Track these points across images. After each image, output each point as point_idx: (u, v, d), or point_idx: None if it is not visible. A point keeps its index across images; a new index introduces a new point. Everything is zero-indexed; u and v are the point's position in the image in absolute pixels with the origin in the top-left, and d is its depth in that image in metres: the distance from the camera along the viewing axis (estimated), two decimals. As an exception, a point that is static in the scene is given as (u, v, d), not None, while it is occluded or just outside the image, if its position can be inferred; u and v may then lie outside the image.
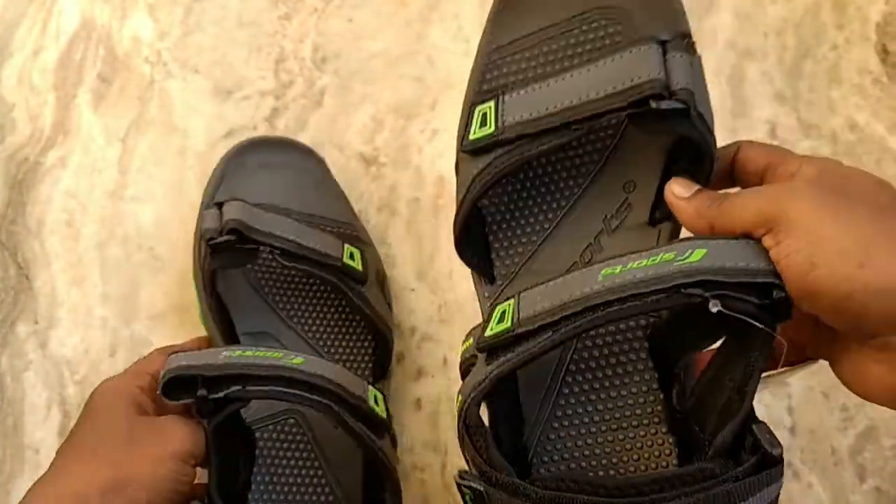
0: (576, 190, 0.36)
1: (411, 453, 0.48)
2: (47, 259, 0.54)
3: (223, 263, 0.43)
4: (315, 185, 0.51)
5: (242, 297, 0.47)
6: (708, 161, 0.31)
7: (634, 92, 0.30)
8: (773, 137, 0.55)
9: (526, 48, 0.35)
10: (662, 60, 0.30)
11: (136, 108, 0.58)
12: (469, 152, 0.33)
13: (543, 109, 0.32)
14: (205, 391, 0.36)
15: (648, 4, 0.33)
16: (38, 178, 0.56)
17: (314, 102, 0.57)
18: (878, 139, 0.55)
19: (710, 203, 0.30)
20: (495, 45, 0.35)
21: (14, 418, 0.49)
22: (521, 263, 0.36)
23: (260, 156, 0.50)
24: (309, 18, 0.60)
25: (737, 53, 0.58)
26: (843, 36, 0.58)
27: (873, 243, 0.26)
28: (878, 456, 0.47)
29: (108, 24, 0.61)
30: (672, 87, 0.29)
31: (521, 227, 0.36)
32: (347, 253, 0.45)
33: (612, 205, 0.35)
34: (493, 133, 0.32)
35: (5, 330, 0.52)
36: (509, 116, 0.32)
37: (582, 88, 0.31)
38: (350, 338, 0.48)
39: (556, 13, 0.35)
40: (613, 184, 0.36)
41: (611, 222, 0.35)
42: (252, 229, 0.42)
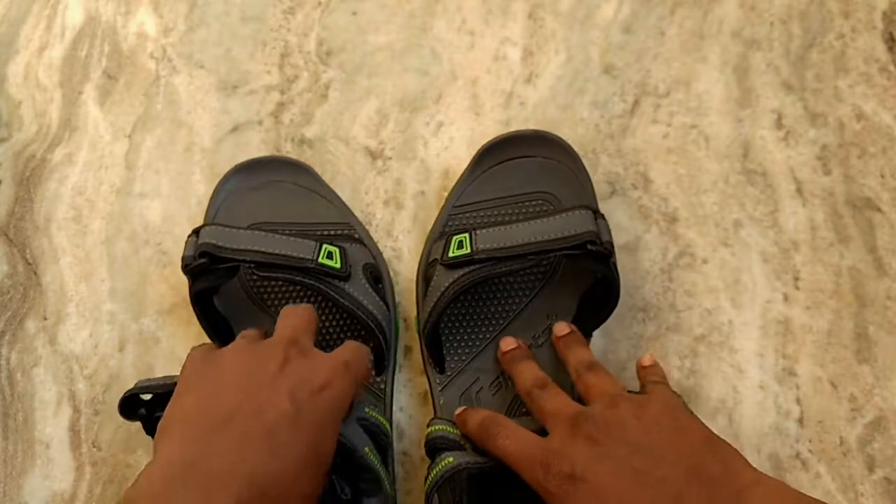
0: (511, 313, 0.48)
1: (419, 446, 0.48)
2: (55, 255, 0.54)
3: (204, 286, 0.44)
4: (306, 195, 0.52)
5: (243, 310, 0.49)
6: (613, 300, 0.44)
7: (578, 238, 0.43)
8: (780, 127, 0.55)
9: (483, 209, 0.49)
10: (595, 221, 0.44)
11: (142, 104, 0.58)
12: (447, 265, 0.44)
13: (508, 242, 0.43)
14: (144, 411, 0.41)
15: (574, 192, 0.48)
16: (45, 175, 0.56)
17: (319, 96, 0.57)
18: (885, 128, 0.54)
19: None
20: (456, 204, 0.49)
21: (24, 413, 0.50)
22: (468, 361, 0.47)
23: (249, 179, 0.51)
24: (313, 12, 0.60)
25: (742, 43, 0.57)
26: (850, 24, 0.57)
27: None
28: (887, 446, 0.47)
29: (113, 21, 0.61)
30: (601, 238, 0.43)
31: (469, 335, 0.47)
32: (324, 253, 0.45)
33: (538, 327, 0.47)
34: (469, 253, 0.43)
35: (14, 326, 0.52)
36: (481, 244, 0.43)
37: (537, 232, 0.43)
38: (348, 334, 0.48)
39: (505, 191, 0.49)
40: (540, 313, 0.48)
41: (538, 339, 0.47)
42: (221, 248, 0.44)
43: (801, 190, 0.53)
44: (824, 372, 0.49)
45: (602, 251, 0.43)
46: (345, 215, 0.52)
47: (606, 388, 0.41)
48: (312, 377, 0.37)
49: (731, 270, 0.51)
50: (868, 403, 0.48)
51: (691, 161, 0.54)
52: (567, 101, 0.56)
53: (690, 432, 0.37)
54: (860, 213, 0.52)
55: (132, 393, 0.41)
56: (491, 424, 0.40)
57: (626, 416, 0.38)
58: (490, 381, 0.46)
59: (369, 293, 0.46)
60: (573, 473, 0.36)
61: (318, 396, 0.36)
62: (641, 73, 0.57)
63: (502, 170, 0.50)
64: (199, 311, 0.45)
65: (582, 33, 0.59)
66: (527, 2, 0.60)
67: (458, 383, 0.46)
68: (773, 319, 0.50)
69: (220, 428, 0.34)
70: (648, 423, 0.37)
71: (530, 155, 0.50)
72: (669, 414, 0.38)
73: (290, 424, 0.35)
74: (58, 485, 0.48)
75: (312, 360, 0.38)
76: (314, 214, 0.51)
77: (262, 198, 0.51)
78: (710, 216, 0.53)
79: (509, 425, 0.40)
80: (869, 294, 0.50)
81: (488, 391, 0.46)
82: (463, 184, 0.50)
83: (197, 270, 0.44)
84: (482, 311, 0.48)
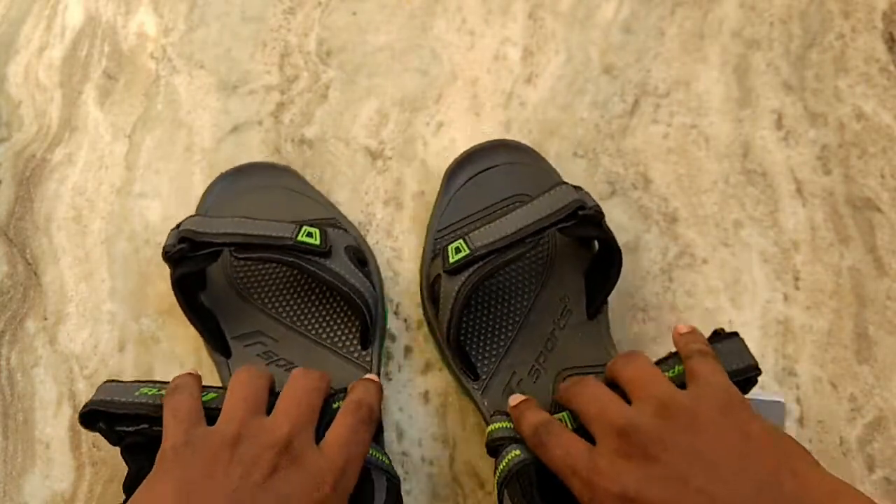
0: (525, 307, 0.48)
1: (419, 446, 0.48)
2: (55, 255, 0.54)
3: (184, 271, 0.45)
4: (291, 196, 0.52)
5: (230, 304, 0.49)
6: (617, 260, 0.45)
7: (567, 209, 0.44)
8: (780, 127, 0.55)
9: (465, 225, 0.50)
10: (576, 192, 0.45)
11: (142, 104, 0.58)
12: (450, 272, 0.44)
13: (503, 233, 0.44)
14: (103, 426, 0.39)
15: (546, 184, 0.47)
16: (45, 175, 0.56)
17: (319, 96, 0.58)
18: (885, 128, 0.54)
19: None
20: (439, 229, 0.50)
21: (24, 413, 0.50)
22: (498, 362, 0.47)
23: (234, 185, 0.52)
24: (313, 12, 0.60)
25: (743, 43, 0.57)
26: (850, 24, 0.57)
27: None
28: (887, 446, 0.47)
29: (113, 21, 0.61)
30: (587, 204, 0.44)
31: (491, 338, 0.48)
32: (304, 232, 0.45)
33: (556, 312, 0.48)
34: (468, 253, 0.43)
35: (14, 326, 0.52)
36: (478, 242, 0.44)
37: (527, 216, 0.44)
38: (333, 316, 0.48)
39: (481, 204, 0.50)
40: (553, 298, 0.48)
41: (559, 323, 0.48)
42: (199, 234, 0.44)
43: (801, 190, 0.53)
44: (824, 372, 0.49)
45: (593, 214, 0.44)
46: (329, 211, 0.52)
47: (652, 388, 0.36)
48: (299, 493, 0.33)
49: (731, 270, 0.51)
50: (868, 403, 0.48)
51: (691, 161, 0.54)
52: (567, 101, 0.56)
53: (754, 438, 0.33)
54: (860, 213, 0.52)
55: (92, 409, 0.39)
56: (543, 432, 0.38)
57: (681, 426, 0.34)
58: (527, 371, 0.46)
59: (351, 269, 0.46)
60: (625, 494, 0.33)
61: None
62: (641, 73, 0.57)
63: (473, 185, 0.51)
64: (183, 299, 0.46)
65: (582, 33, 0.59)
66: (527, 2, 0.60)
67: (495, 383, 0.46)
68: (773, 319, 0.50)
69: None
70: (708, 433, 0.34)
71: (494, 165, 0.51)
72: (729, 416, 0.34)
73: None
74: (58, 485, 0.48)
75: (304, 469, 0.34)
76: (300, 212, 0.51)
77: (248, 200, 0.52)
78: (710, 216, 0.53)
79: (561, 434, 0.37)
80: (869, 294, 0.50)
81: (528, 380, 0.46)
82: (439, 208, 0.51)
83: (177, 256, 0.44)
84: (497, 312, 0.48)
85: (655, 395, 0.36)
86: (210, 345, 0.48)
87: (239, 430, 0.35)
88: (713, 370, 0.37)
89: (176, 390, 0.38)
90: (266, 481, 0.33)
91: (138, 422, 0.39)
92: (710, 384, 0.36)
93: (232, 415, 0.36)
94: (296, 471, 0.34)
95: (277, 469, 0.34)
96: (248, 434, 0.35)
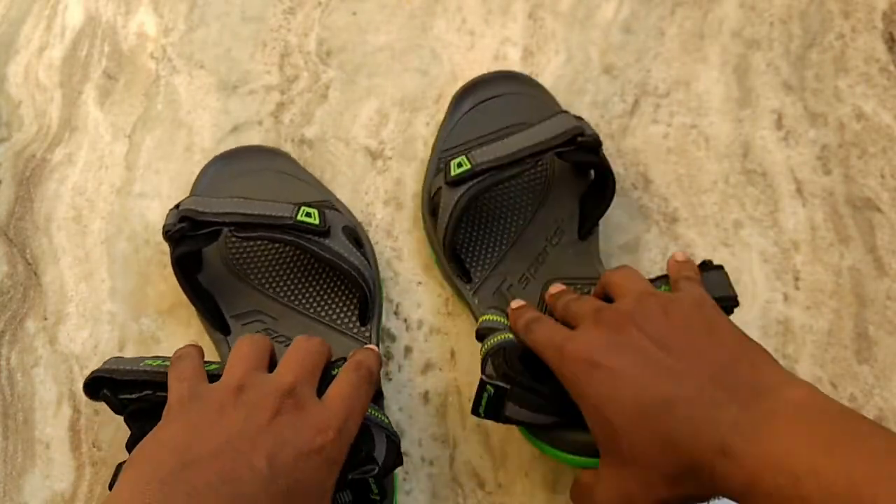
0: (521, 222, 0.51)
1: (419, 446, 0.48)
2: (55, 255, 0.54)
3: (185, 250, 0.45)
4: (285, 179, 0.53)
5: (226, 285, 0.50)
6: (610, 188, 0.48)
7: (566, 134, 0.46)
8: (780, 127, 0.55)
9: (470, 147, 0.51)
10: (576, 120, 0.48)
11: (142, 104, 0.58)
12: (450, 184, 0.47)
13: (503, 152, 0.46)
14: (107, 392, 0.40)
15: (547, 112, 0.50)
16: (45, 175, 0.56)
17: (319, 96, 0.58)
18: (885, 128, 0.54)
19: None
20: (444, 148, 0.53)
21: (24, 413, 0.50)
22: (491, 268, 0.49)
23: (228, 167, 0.53)
24: (313, 12, 0.60)
25: (743, 43, 0.58)
26: (850, 24, 0.57)
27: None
28: (887, 445, 0.47)
29: (113, 21, 0.61)
30: (586, 132, 0.46)
31: (486, 247, 0.50)
32: (303, 213, 0.46)
33: (550, 230, 0.51)
34: (469, 168, 0.46)
35: (14, 326, 0.52)
36: (480, 159, 0.46)
37: (528, 139, 0.46)
38: (331, 293, 0.49)
39: (486, 128, 0.53)
40: (548, 217, 0.51)
41: (552, 240, 0.50)
42: (200, 213, 0.45)
43: (801, 190, 0.53)
44: (824, 372, 0.49)
45: (591, 141, 0.46)
46: (324, 194, 0.53)
47: (633, 285, 0.40)
48: (302, 438, 0.34)
49: (731, 270, 0.51)
50: (868, 403, 0.48)
51: (691, 161, 0.54)
52: (567, 101, 0.56)
53: (720, 331, 0.36)
54: (860, 213, 0.52)
55: (97, 376, 0.40)
56: (533, 322, 0.40)
57: (653, 310, 0.37)
58: (518, 279, 0.49)
59: (350, 249, 0.47)
60: (590, 358, 0.35)
61: (305, 462, 0.33)
62: (641, 73, 0.57)
63: (478, 111, 0.54)
64: (183, 278, 0.46)
65: (582, 33, 0.59)
66: (527, 2, 0.60)
67: (487, 285, 0.49)
68: (773, 319, 0.50)
69: (185, 475, 0.31)
70: (676, 320, 0.36)
71: (499, 94, 0.54)
72: (700, 311, 0.37)
73: (262, 489, 0.32)
74: (58, 485, 0.48)
75: (307, 415, 0.35)
76: (294, 195, 0.51)
77: (243, 182, 0.52)
78: (710, 216, 0.53)
79: (549, 323, 0.40)
80: (869, 294, 0.50)
81: (518, 286, 0.49)
82: (445, 129, 0.54)
83: (177, 235, 0.45)
84: (493, 227, 0.51)
85: (636, 289, 0.39)
86: (209, 323, 0.48)
87: (243, 380, 0.36)
88: (695, 285, 0.40)
89: (179, 359, 0.39)
90: (270, 423, 0.34)
91: (142, 388, 0.40)
92: (688, 291, 0.39)
93: (235, 369, 0.37)
94: (299, 415, 0.35)
95: (281, 412, 0.34)
96: (251, 383, 0.36)
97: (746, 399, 0.32)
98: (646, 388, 0.34)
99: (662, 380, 0.33)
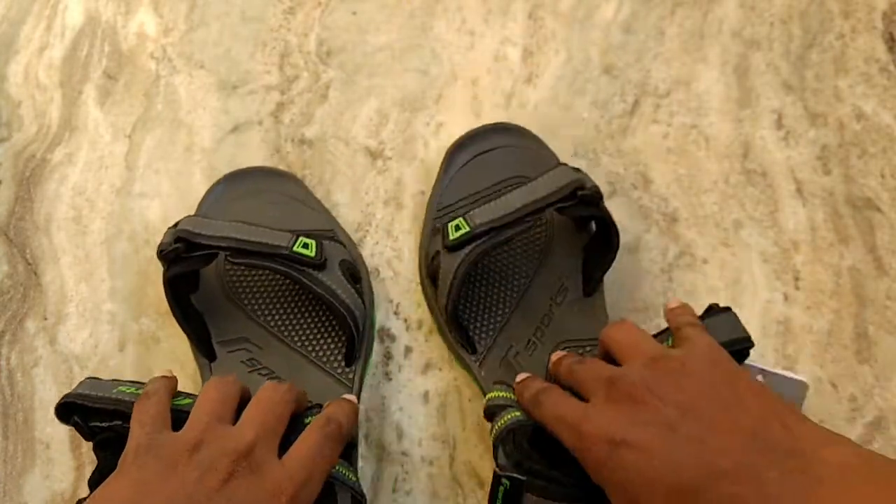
0: (524, 284, 0.49)
1: (419, 446, 0.48)
2: (55, 255, 0.54)
3: (177, 271, 0.44)
4: (291, 203, 0.52)
5: (219, 308, 0.49)
6: (614, 240, 0.45)
7: (566, 189, 0.44)
8: (780, 127, 0.55)
9: (466, 205, 0.51)
10: (575, 173, 0.46)
11: (142, 104, 0.58)
12: (450, 249, 0.45)
13: (502, 211, 0.44)
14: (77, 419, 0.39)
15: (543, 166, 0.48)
16: (45, 175, 0.56)
17: (319, 96, 0.58)
18: (885, 128, 0.54)
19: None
20: (440, 207, 0.51)
21: (24, 413, 0.50)
22: (495, 335, 0.48)
23: (237, 186, 0.52)
24: (313, 12, 0.60)
25: (742, 43, 0.58)
26: (850, 24, 0.57)
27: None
28: (887, 446, 0.47)
29: (113, 21, 0.61)
30: (587, 185, 0.45)
31: (489, 313, 0.48)
32: (300, 243, 0.45)
33: (553, 289, 0.49)
34: (468, 231, 0.44)
35: (14, 326, 0.52)
36: (478, 219, 0.44)
37: (527, 195, 0.45)
38: (320, 329, 0.48)
39: (481, 184, 0.51)
40: (550, 275, 0.49)
41: (556, 299, 0.49)
42: (197, 235, 0.44)
43: (801, 190, 0.53)
44: (824, 372, 0.49)
45: (592, 195, 0.44)
46: (329, 223, 0.52)
47: (642, 346, 0.37)
48: (256, 502, 0.33)
49: (731, 270, 0.51)
50: (868, 403, 0.48)
51: (691, 161, 0.54)
52: (567, 101, 0.56)
53: (742, 389, 0.33)
54: (860, 213, 0.52)
55: (68, 401, 0.39)
56: (542, 395, 0.38)
57: (669, 375, 0.34)
58: (524, 345, 0.47)
59: (344, 285, 0.46)
60: (612, 438, 0.33)
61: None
62: (641, 74, 0.57)
63: (473, 166, 0.52)
64: (173, 299, 0.45)
65: (582, 33, 0.59)
66: (527, 2, 0.60)
67: (493, 355, 0.47)
68: (773, 319, 0.50)
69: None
70: (695, 383, 0.34)
71: (494, 147, 0.52)
72: (717, 369, 0.35)
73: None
74: (58, 485, 0.48)
75: (262, 480, 0.34)
76: (298, 221, 0.51)
77: (247, 205, 0.51)
78: (710, 216, 0.53)
79: (558, 395, 0.38)
80: (869, 294, 0.50)
81: (525, 353, 0.47)
82: (440, 186, 0.52)
83: (171, 255, 0.44)
84: (495, 290, 0.49)
85: (644, 351, 0.36)
86: (196, 347, 0.48)
87: (201, 436, 0.35)
88: (701, 333, 0.38)
89: (146, 396, 0.38)
90: (222, 487, 0.33)
91: (112, 418, 0.39)
92: (697, 344, 0.37)
93: (196, 421, 0.36)
94: (253, 479, 0.34)
95: (234, 476, 0.33)
96: (209, 440, 0.35)
97: (786, 464, 0.30)
98: (681, 465, 0.31)
99: (697, 454, 0.31)
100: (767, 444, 0.31)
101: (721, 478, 0.30)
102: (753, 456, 0.30)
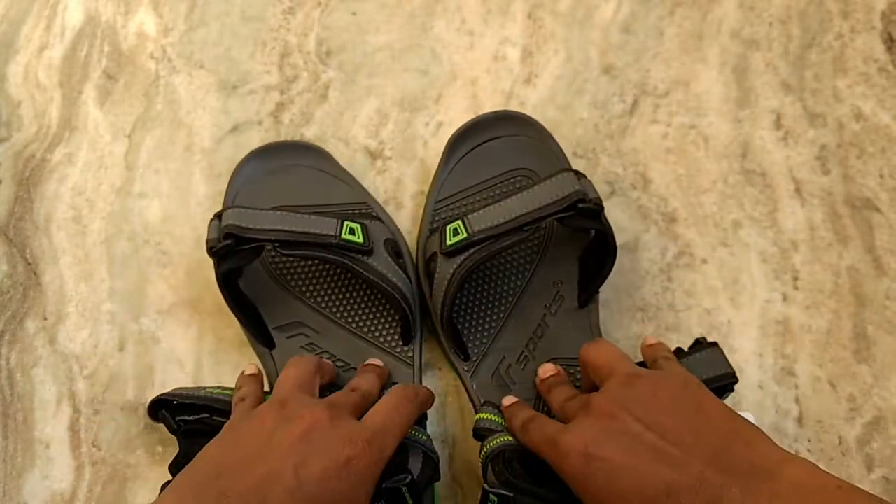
0: (518, 288, 0.49)
1: (419, 445, 0.48)
2: (55, 255, 0.54)
3: (230, 266, 0.45)
4: (322, 178, 0.52)
5: (269, 294, 0.49)
6: (612, 253, 0.45)
7: (566, 200, 0.44)
8: (779, 127, 0.55)
9: (465, 197, 0.50)
10: (578, 181, 0.45)
11: (141, 104, 0.58)
12: (446, 254, 0.44)
13: (502, 219, 0.44)
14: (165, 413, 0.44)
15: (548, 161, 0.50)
16: (45, 175, 0.56)
17: (319, 96, 0.58)
18: (884, 128, 0.54)
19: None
20: (438, 199, 0.51)
21: (24, 413, 0.50)
22: (489, 344, 0.47)
23: (265, 163, 0.52)
24: (313, 12, 0.60)
25: (742, 43, 0.58)
26: (849, 24, 0.58)
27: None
28: (886, 445, 0.47)
29: (113, 21, 0.61)
30: (588, 196, 0.44)
31: (483, 318, 0.48)
32: (346, 229, 0.45)
33: (548, 297, 0.48)
34: (466, 237, 0.44)
35: (14, 325, 0.52)
36: (476, 226, 0.44)
37: (527, 203, 0.44)
38: (374, 310, 0.49)
39: (482, 176, 0.51)
40: (545, 282, 0.49)
41: (551, 308, 0.48)
42: (245, 229, 0.44)
43: (799, 190, 0.53)
44: (823, 372, 0.49)
45: (592, 207, 0.44)
46: (362, 195, 0.52)
47: (619, 367, 0.39)
48: (331, 450, 0.35)
49: (730, 270, 0.51)
50: (867, 403, 0.48)
51: (690, 161, 0.54)
52: (566, 101, 0.56)
53: (711, 411, 0.35)
54: (859, 213, 0.52)
55: (160, 399, 0.44)
56: (528, 421, 0.40)
57: (643, 393, 0.36)
58: (516, 357, 0.47)
59: (392, 266, 0.46)
60: (585, 451, 0.34)
61: (333, 474, 0.34)
62: (641, 73, 0.57)
63: (474, 157, 0.51)
64: (228, 294, 0.45)
65: (581, 33, 0.59)
66: (526, 2, 0.60)
67: (485, 366, 0.47)
68: (772, 319, 0.50)
69: (218, 482, 0.33)
70: (666, 401, 0.36)
71: (496, 136, 0.51)
72: (688, 391, 0.37)
73: (289, 497, 0.33)
74: (58, 485, 0.48)
75: (339, 428, 0.36)
76: (332, 196, 0.51)
77: (280, 181, 0.52)
78: (710, 216, 0.53)
79: (544, 421, 0.39)
80: (868, 294, 0.50)
81: (517, 366, 0.47)
82: (440, 178, 0.51)
83: (222, 252, 0.44)
84: (490, 293, 0.49)
85: (621, 371, 0.38)
86: (253, 337, 0.48)
87: (286, 396, 0.39)
88: (675, 364, 0.41)
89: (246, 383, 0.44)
90: (303, 435, 0.36)
91: (200, 412, 0.43)
92: (671, 370, 0.40)
93: (282, 388, 0.40)
94: (332, 429, 0.36)
95: (314, 427, 0.36)
96: (293, 399, 0.38)
97: (747, 481, 0.31)
98: (646, 476, 0.33)
99: (661, 467, 0.33)
100: (730, 459, 0.33)
101: (683, 490, 0.32)
102: (716, 470, 0.32)
